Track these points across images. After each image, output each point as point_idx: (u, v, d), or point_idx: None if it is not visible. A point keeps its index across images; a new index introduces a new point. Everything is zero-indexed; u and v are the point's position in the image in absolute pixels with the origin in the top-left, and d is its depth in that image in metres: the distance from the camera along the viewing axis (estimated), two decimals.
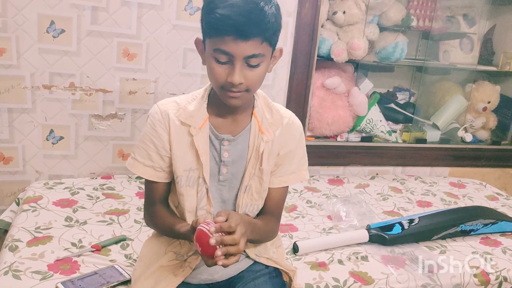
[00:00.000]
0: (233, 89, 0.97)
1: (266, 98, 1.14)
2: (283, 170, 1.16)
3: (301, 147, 1.18)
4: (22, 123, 1.81)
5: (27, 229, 1.47)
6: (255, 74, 0.97)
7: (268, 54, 0.99)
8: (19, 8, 1.68)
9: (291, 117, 1.15)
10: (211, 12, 0.93)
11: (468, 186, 2.26)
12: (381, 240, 1.60)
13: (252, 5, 0.91)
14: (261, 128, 1.10)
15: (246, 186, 1.12)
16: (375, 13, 2.19)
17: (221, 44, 0.93)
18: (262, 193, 1.15)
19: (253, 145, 1.10)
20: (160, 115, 1.08)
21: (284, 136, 1.13)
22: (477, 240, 1.70)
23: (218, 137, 1.08)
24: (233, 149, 1.10)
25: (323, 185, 2.12)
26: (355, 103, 2.20)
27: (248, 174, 1.11)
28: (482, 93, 2.43)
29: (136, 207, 1.70)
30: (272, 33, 0.96)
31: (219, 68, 0.96)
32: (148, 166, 1.11)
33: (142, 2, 1.78)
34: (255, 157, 1.10)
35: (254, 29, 0.92)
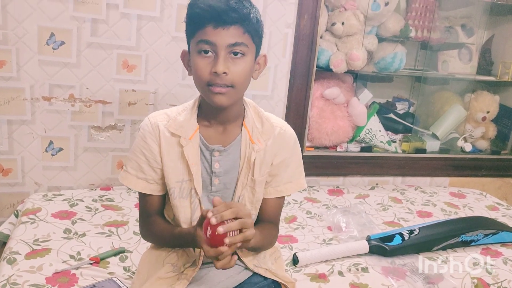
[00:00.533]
0: (217, 81, 0.96)
1: (257, 108, 1.14)
2: (279, 180, 1.15)
3: (296, 156, 1.17)
4: (22, 135, 1.81)
5: (26, 242, 1.46)
6: (239, 67, 0.98)
7: (251, 51, 1.00)
8: (19, 21, 1.69)
9: (283, 127, 1.14)
10: (192, 8, 0.97)
11: (468, 196, 2.25)
12: (382, 251, 1.59)
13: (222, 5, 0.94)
14: (252, 138, 1.09)
15: (239, 197, 1.12)
16: (374, 24, 2.20)
17: (203, 35, 0.96)
18: (256, 203, 1.14)
19: (245, 155, 1.09)
20: (150, 127, 1.08)
21: (277, 145, 1.12)
22: (478, 251, 1.70)
23: (208, 147, 1.08)
24: (224, 160, 1.09)
25: (323, 195, 2.12)
26: (355, 114, 2.20)
27: (240, 184, 1.11)
28: (481, 103, 2.43)
29: (135, 219, 1.69)
30: (253, 27, 0.98)
31: (203, 63, 0.97)
32: (140, 179, 1.11)
33: (141, 14, 1.79)
34: (246, 167, 1.10)
35: (233, 14, 0.94)
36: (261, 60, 1.06)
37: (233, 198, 1.12)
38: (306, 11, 1.99)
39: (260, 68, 1.07)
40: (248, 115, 1.10)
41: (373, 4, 2.11)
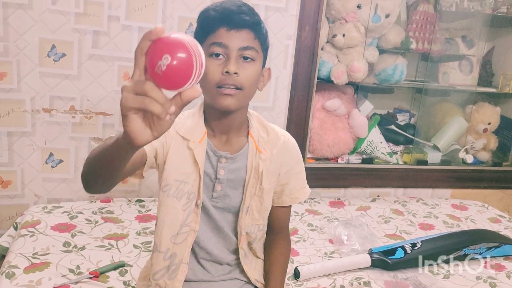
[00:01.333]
0: (228, 81, 0.96)
1: (260, 118, 1.14)
2: (292, 187, 1.16)
3: (301, 163, 1.18)
4: (22, 147, 1.80)
5: (25, 255, 1.45)
6: (248, 71, 0.98)
7: (260, 57, 1.01)
8: (20, 33, 1.69)
9: (286, 135, 1.15)
10: (205, 13, 1.00)
11: (470, 208, 2.24)
12: (384, 265, 1.58)
13: (242, 4, 0.99)
14: (258, 147, 1.09)
15: (248, 207, 1.11)
16: (374, 35, 2.20)
17: (215, 38, 0.97)
18: (263, 212, 1.14)
19: (252, 165, 1.08)
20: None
21: (282, 155, 1.12)
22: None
23: (216, 153, 1.07)
24: (230, 168, 1.08)
25: (324, 207, 2.11)
26: (356, 125, 2.20)
27: (248, 194, 1.10)
28: (482, 114, 2.43)
29: (135, 231, 1.68)
30: (262, 34, 1.01)
31: (214, 64, 0.97)
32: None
33: (142, 26, 1.80)
34: (254, 176, 1.09)
35: (246, 17, 0.96)
36: (266, 72, 1.07)
37: (241, 208, 1.10)
38: (307, 23, 1.99)
39: (264, 80, 1.07)
40: (253, 125, 1.10)
41: (374, 16, 2.12)
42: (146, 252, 1.55)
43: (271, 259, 1.19)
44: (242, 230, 1.12)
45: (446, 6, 2.32)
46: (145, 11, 1.79)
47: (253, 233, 1.14)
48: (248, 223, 1.12)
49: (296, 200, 1.18)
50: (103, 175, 0.81)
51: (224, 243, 1.13)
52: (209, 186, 1.08)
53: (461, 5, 2.34)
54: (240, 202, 1.11)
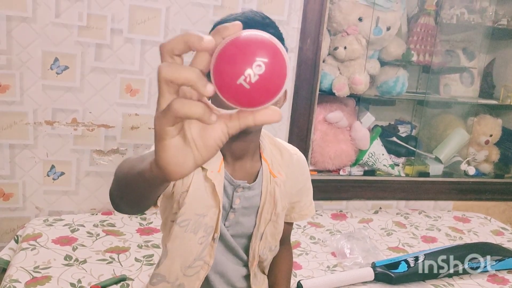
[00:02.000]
0: None
1: (271, 137, 1.09)
2: (302, 205, 1.14)
3: (310, 178, 1.16)
4: (23, 159, 1.80)
5: (26, 269, 1.44)
6: None
7: None
8: (24, 46, 1.69)
9: (297, 153, 1.12)
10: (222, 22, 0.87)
11: (472, 221, 2.23)
12: (387, 279, 1.56)
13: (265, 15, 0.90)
14: (273, 171, 1.02)
15: (262, 233, 1.06)
16: (376, 48, 2.21)
17: None
18: (277, 235, 1.09)
19: (266, 191, 1.02)
20: None
21: (295, 174, 1.08)
22: (485, 278, 1.67)
23: (233, 182, 0.99)
24: (245, 195, 1.01)
25: (326, 220, 2.10)
26: (357, 137, 2.20)
27: (263, 221, 1.04)
28: (484, 126, 2.43)
29: (137, 245, 1.67)
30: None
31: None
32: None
33: (145, 39, 1.80)
34: (269, 202, 1.03)
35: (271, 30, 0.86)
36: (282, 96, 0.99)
37: (255, 234, 1.04)
38: (308, 36, 2.00)
39: (280, 103, 0.98)
40: (265, 146, 1.03)
41: (375, 29, 2.13)
42: (148, 265, 1.54)
43: (275, 271, 1.17)
44: (255, 254, 1.07)
45: (447, 19, 2.34)
46: (148, 24, 1.80)
47: (265, 254, 1.10)
48: (261, 247, 1.08)
49: (305, 217, 1.15)
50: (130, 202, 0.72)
51: (235, 266, 1.09)
52: (223, 216, 1.01)
53: (462, 18, 2.35)
54: (253, 228, 1.05)
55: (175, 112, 0.44)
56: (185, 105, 0.44)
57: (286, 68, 0.44)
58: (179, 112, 0.44)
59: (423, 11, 2.29)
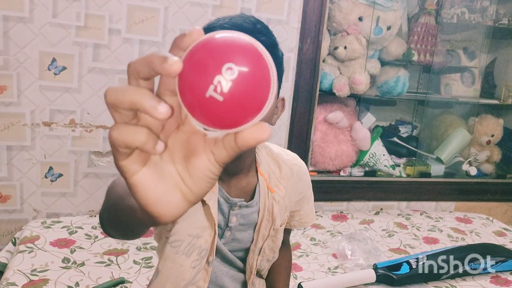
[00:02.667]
0: None
1: (268, 149, 1.02)
2: (302, 213, 1.10)
3: (311, 186, 1.10)
4: (21, 161, 1.78)
5: (23, 272, 1.42)
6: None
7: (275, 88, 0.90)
8: (21, 46, 1.68)
9: (297, 163, 1.04)
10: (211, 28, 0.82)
11: (474, 221, 2.21)
12: (389, 281, 1.55)
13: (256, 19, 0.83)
14: (270, 186, 0.97)
15: (260, 249, 1.01)
16: (376, 48, 2.20)
17: None
18: (275, 248, 1.05)
19: (264, 207, 0.97)
20: None
21: (295, 185, 1.03)
22: (487, 280, 1.65)
23: (229, 200, 0.94)
24: (242, 213, 0.96)
25: (327, 221, 2.08)
26: (358, 137, 2.18)
27: (261, 237, 0.99)
28: (485, 126, 2.41)
29: (135, 247, 1.66)
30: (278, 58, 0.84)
31: None
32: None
33: (143, 39, 1.79)
34: (267, 219, 0.98)
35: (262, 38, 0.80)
36: (279, 104, 0.92)
37: (251, 248, 1.00)
38: (308, 36, 1.99)
39: (278, 113, 0.92)
40: (262, 160, 0.97)
41: (375, 28, 2.11)
42: (147, 268, 1.53)
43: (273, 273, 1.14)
44: (252, 269, 1.03)
45: (447, 18, 2.32)
46: (146, 24, 1.78)
47: (263, 265, 1.07)
48: (260, 260, 1.04)
49: (306, 225, 1.11)
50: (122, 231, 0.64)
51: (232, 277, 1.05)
52: (218, 234, 0.96)
53: (462, 17, 2.33)
54: (250, 243, 1.00)
55: (113, 141, 0.38)
56: (123, 132, 0.38)
57: (270, 76, 0.36)
58: (117, 141, 0.38)
59: (423, 11, 2.28)
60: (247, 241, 0.99)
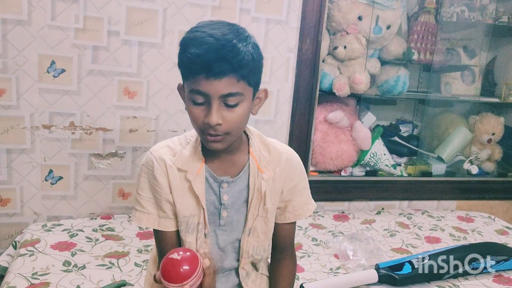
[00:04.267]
0: (211, 131, 0.92)
1: (261, 136, 1.11)
2: (295, 204, 1.13)
3: (305, 179, 1.15)
4: (21, 164, 1.78)
5: (24, 275, 1.42)
6: (234, 116, 0.92)
7: (248, 94, 0.94)
8: (19, 49, 1.67)
9: (288, 152, 1.11)
10: (183, 52, 0.90)
11: (476, 220, 2.21)
12: (391, 281, 1.54)
13: (224, 42, 0.87)
14: (260, 167, 1.06)
15: (250, 229, 1.08)
16: (376, 47, 2.19)
17: (195, 85, 0.90)
18: (268, 232, 1.11)
19: (254, 185, 1.05)
20: (156, 162, 1.02)
21: (285, 172, 1.09)
22: (490, 279, 1.64)
23: (216, 179, 1.04)
24: (232, 191, 1.05)
25: (328, 221, 2.07)
26: (359, 137, 2.18)
27: (251, 216, 1.07)
28: (486, 124, 2.41)
29: (137, 249, 1.65)
30: (248, 71, 0.91)
31: (196, 110, 0.92)
32: (163, 218, 1.05)
33: (142, 41, 1.78)
34: (257, 197, 1.06)
35: (226, 66, 0.87)
36: (262, 94, 1.01)
37: (244, 230, 1.08)
38: (308, 36, 1.98)
39: (260, 102, 1.02)
40: (254, 143, 1.07)
41: (375, 27, 2.11)
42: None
43: (277, 278, 1.15)
44: (243, 252, 1.09)
45: (447, 17, 2.32)
46: (145, 25, 1.78)
47: (259, 254, 1.12)
48: (253, 245, 1.10)
49: (299, 217, 1.14)
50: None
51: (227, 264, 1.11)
52: (215, 214, 1.06)
53: (462, 16, 2.33)
54: (244, 224, 1.08)
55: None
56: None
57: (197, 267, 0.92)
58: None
59: (423, 9, 2.27)
60: (242, 222, 1.08)
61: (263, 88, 1.00)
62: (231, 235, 1.08)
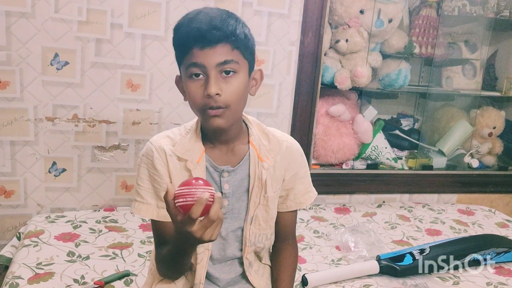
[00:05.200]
0: (212, 104, 0.93)
1: (260, 125, 1.12)
2: (296, 192, 1.14)
3: (306, 167, 1.16)
4: (25, 156, 1.79)
5: (28, 265, 1.43)
6: (232, 87, 0.94)
7: (244, 67, 0.96)
8: (23, 41, 1.68)
9: (288, 140, 1.13)
10: (177, 32, 0.95)
11: (477, 213, 2.22)
12: (392, 272, 1.55)
13: (215, 16, 0.93)
14: (260, 155, 1.07)
15: (252, 217, 1.09)
16: (378, 41, 2.20)
17: (191, 58, 0.93)
18: (270, 221, 1.12)
19: (255, 174, 1.06)
20: (156, 152, 1.03)
21: (286, 160, 1.10)
22: (491, 270, 1.66)
23: (217, 169, 1.05)
24: (233, 180, 1.06)
25: (329, 214, 2.09)
26: (360, 130, 2.19)
27: (252, 204, 1.08)
28: (487, 118, 2.42)
29: (140, 240, 1.66)
30: (241, 43, 0.94)
31: (194, 86, 0.94)
32: (161, 208, 1.05)
33: (145, 34, 1.79)
34: (258, 186, 1.07)
35: (217, 32, 0.91)
36: (257, 75, 1.03)
37: (246, 218, 1.09)
38: (310, 29, 1.99)
39: (257, 84, 1.04)
40: (253, 132, 1.08)
41: (377, 21, 2.11)
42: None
43: (279, 267, 1.17)
44: (247, 240, 1.10)
45: (449, 11, 2.32)
46: (148, 18, 1.78)
47: (261, 242, 1.13)
48: (255, 233, 1.10)
49: (301, 205, 1.16)
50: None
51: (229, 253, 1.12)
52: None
53: (464, 10, 2.33)
54: (246, 213, 1.09)
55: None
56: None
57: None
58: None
59: (424, 3, 2.27)
60: (243, 210, 1.09)
61: (257, 68, 1.03)
62: (232, 223, 1.09)
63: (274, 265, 1.19)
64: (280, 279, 1.15)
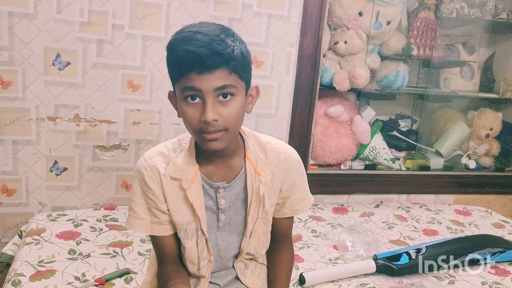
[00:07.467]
0: (209, 129, 0.90)
1: (256, 137, 1.09)
2: (293, 200, 1.14)
3: (303, 175, 1.15)
4: (26, 155, 1.81)
5: (30, 263, 1.45)
6: (230, 111, 0.91)
7: (241, 89, 0.94)
8: (25, 42, 1.70)
9: (286, 151, 1.10)
10: (172, 53, 0.90)
11: (473, 214, 2.24)
12: (389, 271, 1.58)
13: (213, 37, 0.88)
14: (257, 170, 1.05)
15: (251, 232, 1.09)
16: (376, 42, 2.22)
17: (188, 82, 0.89)
18: (268, 232, 1.13)
19: (252, 189, 1.06)
20: (150, 171, 1.02)
21: (283, 171, 1.09)
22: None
23: (212, 186, 1.05)
24: (229, 194, 1.06)
25: (327, 214, 2.11)
26: (358, 131, 2.21)
27: (251, 219, 1.08)
28: (484, 120, 2.44)
29: (140, 239, 1.69)
30: (239, 65, 0.91)
31: (191, 110, 0.91)
32: (155, 223, 1.05)
33: (146, 35, 1.81)
34: (256, 200, 1.06)
35: (217, 58, 0.87)
36: (253, 92, 1.01)
37: (245, 233, 1.10)
38: (309, 30, 2.01)
39: (253, 100, 1.01)
40: (250, 146, 1.06)
41: (375, 23, 2.14)
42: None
43: (275, 268, 1.17)
44: (243, 252, 1.12)
45: (447, 13, 2.34)
46: (149, 19, 1.80)
47: (259, 252, 1.15)
48: (254, 246, 1.12)
49: (297, 212, 1.16)
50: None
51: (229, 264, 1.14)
52: (213, 218, 1.07)
53: (462, 12, 2.35)
54: (244, 226, 1.09)
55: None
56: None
57: None
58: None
59: (423, 5, 2.30)
60: (241, 224, 1.09)
61: (254, 86, 1.01)
62: (231, 236, 1.10)
63: (270, 266, 1.19)
64: (276, 279, 1.16)
